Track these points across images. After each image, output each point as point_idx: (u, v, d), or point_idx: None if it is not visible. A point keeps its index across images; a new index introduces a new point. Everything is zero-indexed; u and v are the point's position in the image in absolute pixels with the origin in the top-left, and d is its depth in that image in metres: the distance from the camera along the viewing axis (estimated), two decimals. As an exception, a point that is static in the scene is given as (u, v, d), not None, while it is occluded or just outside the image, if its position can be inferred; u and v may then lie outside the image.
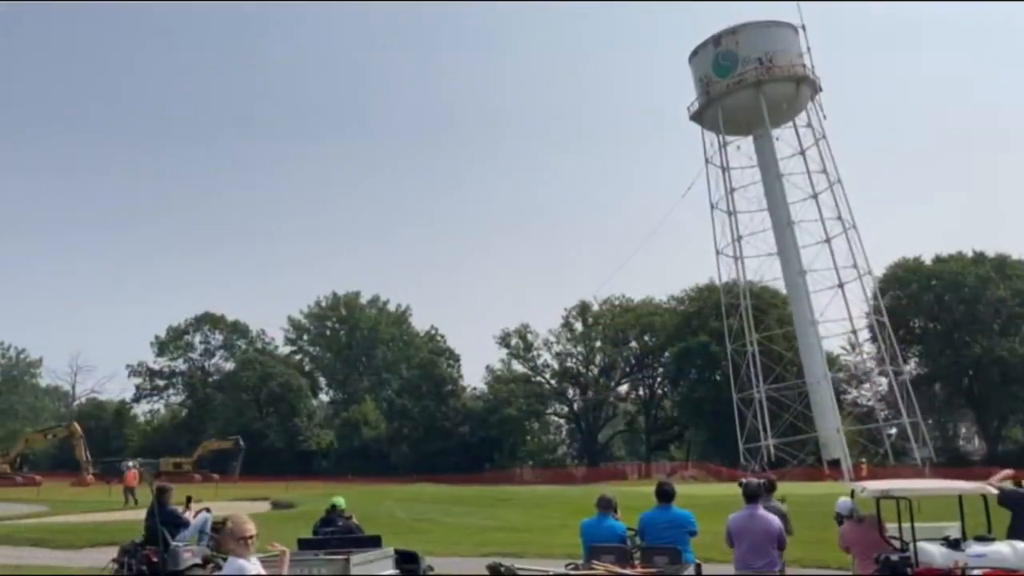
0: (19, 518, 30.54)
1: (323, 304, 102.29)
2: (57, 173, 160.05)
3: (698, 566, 9.57)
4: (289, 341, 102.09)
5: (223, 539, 5.69)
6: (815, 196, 55.82)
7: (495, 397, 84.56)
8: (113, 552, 14.29)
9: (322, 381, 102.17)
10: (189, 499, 15.30)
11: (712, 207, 60.66)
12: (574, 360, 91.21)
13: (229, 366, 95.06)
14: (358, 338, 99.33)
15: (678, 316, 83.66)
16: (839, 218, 56.89)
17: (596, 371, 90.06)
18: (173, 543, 12.77)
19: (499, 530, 24.04)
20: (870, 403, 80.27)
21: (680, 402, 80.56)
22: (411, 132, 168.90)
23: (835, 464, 53.22)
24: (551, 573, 9.08)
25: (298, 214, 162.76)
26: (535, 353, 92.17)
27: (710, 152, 59.18)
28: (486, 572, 10.19)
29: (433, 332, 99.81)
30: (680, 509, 9.79)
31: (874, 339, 76.85)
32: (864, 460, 53.24)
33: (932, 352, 73.27)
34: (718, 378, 73.26)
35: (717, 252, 67.77)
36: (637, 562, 9.24)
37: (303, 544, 9.60)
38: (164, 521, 12.93)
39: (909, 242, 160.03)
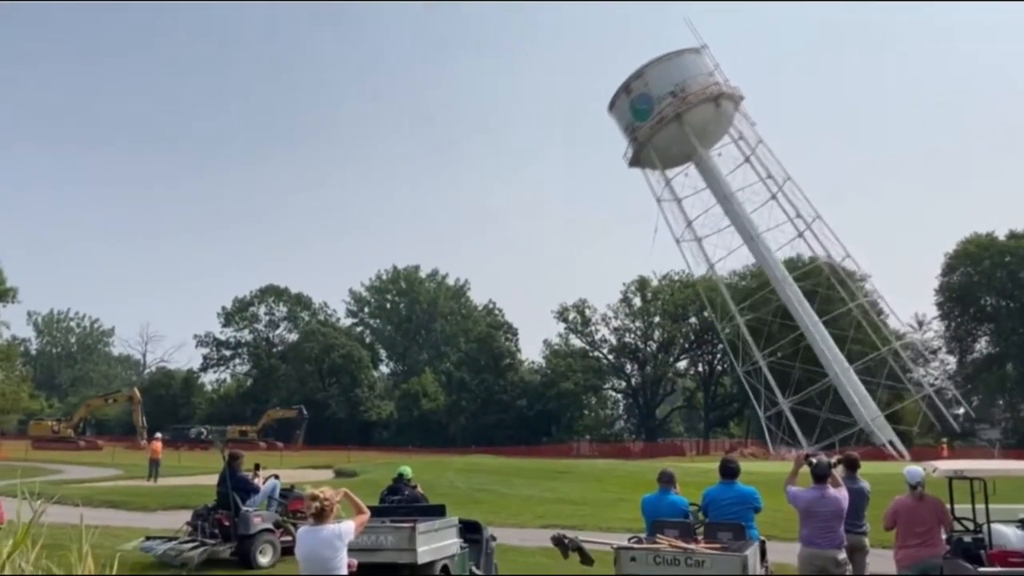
0: (95, 481, 31.73)
1: (384, 277, 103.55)
2: (126, 150, 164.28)
3: (762, 542, 9.51)
4: (350, 313, 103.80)
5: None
6: (774, 197, 54.95)
7: (553, 371, 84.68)
8: (186, 515, 14.80)
9: (382, 353, 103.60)
10: (257, 466, 15.71)
11: (678, 242, 60.01)
12: (632, 335, 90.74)
13: (292, 337, 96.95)
14: (417, 311, 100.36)
15: (739, 292, 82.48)
16: (798, 215, 55.84)
17: (654, 346, 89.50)
18: (244, 508, 13.16)
19: (558, 502, 24.17)
20: (937, 382, 78.38)
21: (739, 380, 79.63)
22: (474, 110, 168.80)
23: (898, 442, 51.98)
24: (615, 546, 9.11)
25: (361, 189, 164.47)
26: (593, 328, 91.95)
27: (659, 191, 58.65)
28: (550, 543, 10.30)
29: (491, 306, 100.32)
30: (744, 485, 9.72)
31: (943, 317, 74.97)
32: (945, 441, 51.87)
33: (1004, 331, 70.92)
34: (779, 355, 72.12)
35: (690, 284, 66.24)
36: (700, 537, 9.22)
37: (370, 511, 9.78)
38: (235, 487, 13.33)
39: (981, 218, 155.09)
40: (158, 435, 36.26)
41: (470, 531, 11.16)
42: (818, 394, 54.27)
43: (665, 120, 53.17)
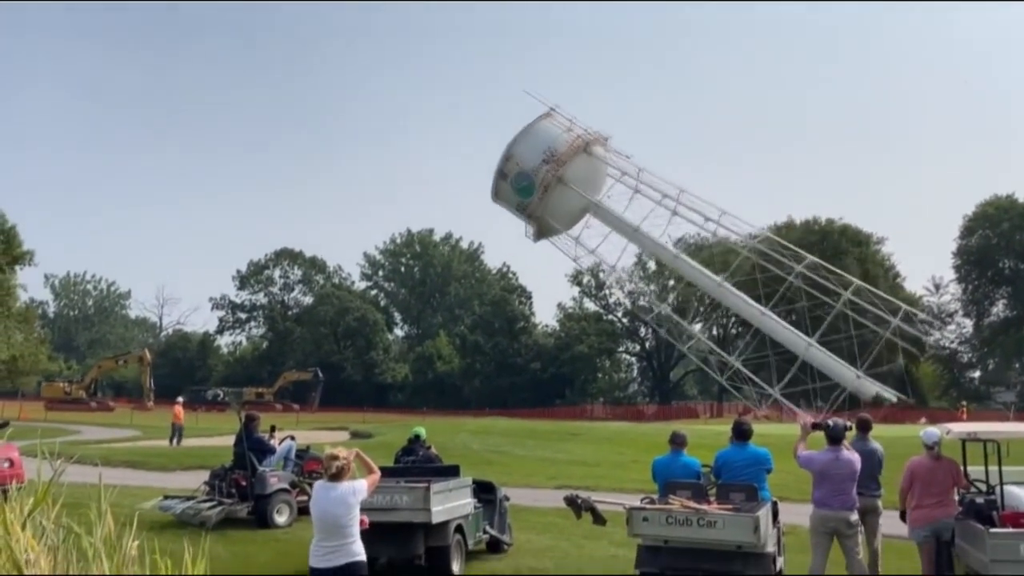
0: (114, 442, 32.19)
1: (398, 241, 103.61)
2: (142, 114, 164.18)
3: (775, 504, 9.55)
4: (365, 277, 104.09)
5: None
6: (676, 213, 56.05)
7: (567, 334, 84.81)
8: (203, 475, 15.01)
9: (397, 316, 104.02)
10: (273, 428, 15.89)
11: (608, 290, 60.37)
12: (646, 299, 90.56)
13: (307, 300, 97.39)
14: (432, 275, 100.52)
15: (755, 254, 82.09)
16: (707, 220, 56.74)
17: (669, 309, 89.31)
18: (260, 468, 13.32)
19: (571, 464, 24.36)
20: (953, 345, 78.09)
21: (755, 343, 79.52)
22: (483, 66, 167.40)
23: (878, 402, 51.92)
24: (628, 506, 9.17)
25: (375, 152, 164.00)
26: (607, 291, 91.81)
27: (573, 251, 59.23)
28: (562, 503, 10.39)
29: (505, 270, 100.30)
30: (757, 447, 9.75)
31: (960, 280, 74.42)
32: (964, 404, 51.74)
33: (1021, 294, 70.38)
34: (793, 318, 71.91)
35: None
36: (712, 499, 9.27)
37: (385, 472, 9.87)
38: (252, 447, 13.49)
39: (1001, 180, 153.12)
40: (180, 399, 36.40)
41: (484, 491, 11.28)
42: (802, 368, 54.67)
43: (550, 187, 54.58)
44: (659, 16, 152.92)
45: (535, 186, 53.31)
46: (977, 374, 78.52)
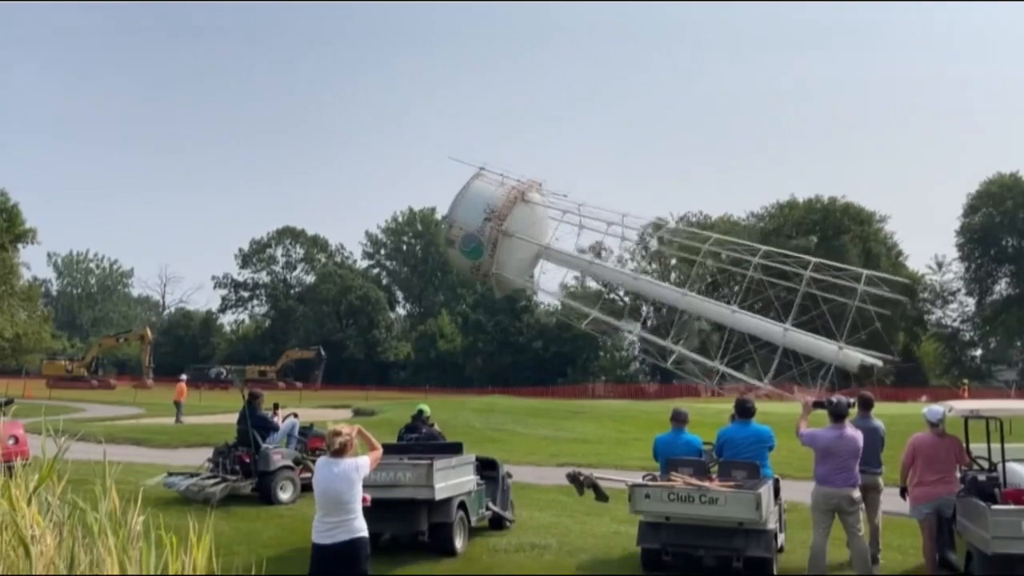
0: (117, 419, 32.34)
1: (400, 219, 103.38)
2: (143, 91, 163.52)
3: (776, 481, 9.60)
4: (367, 255, 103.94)
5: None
6: (624, 239, 57.74)
7: (568, 313, 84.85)
8: (207, 452, 15.08)
9: (399, 295, 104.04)
10: (276, 405, 15.94)
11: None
12: (649, 277, 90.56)
13: (309, 279, 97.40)
14: (434, 253, 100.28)
15: (757, 233, 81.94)
16: (643, 241, 58.22)
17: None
18: (264, 445, 13.38)
19: (574, 441, 24.45)
20: (955, 324, 78.01)
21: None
22: (485, 46, 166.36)
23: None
24: (630, 483, 9.21)
25: (376, 130, 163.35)
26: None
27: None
28: (564, 480, 10.44)
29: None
30: (759, 425, 9.79)
31: (963, 259, 74.18)
32: (966, 382, 51.82)
33: (1024, 272, 70.27)
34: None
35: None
36: (715, 476, 9.31)
37: (388, 449, 9.91)
38: (255, 425, 13.54)
39: (1005, 159, 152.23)
40: (183, 376, 36.42)
41: (487, 468, 11.32)
42: (786, 354, 55.31)
43: (497, 242, 55.25)
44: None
45: (483, 245, 54.54)
46: (979, 352, 78.45)
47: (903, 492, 9.28)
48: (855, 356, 51.13)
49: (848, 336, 51.27)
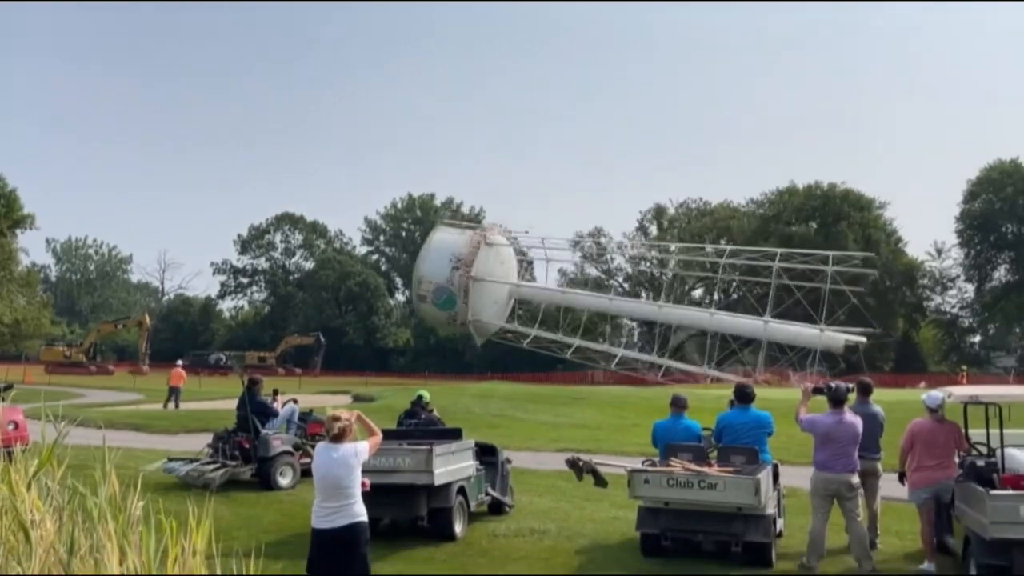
0: (117, 405, 32.37)
1: (399, 206, 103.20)
2: (141, 77, 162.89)
3: (775, 466, 9.63)
4: (366, 241, 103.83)
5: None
6: (587, 258, 58.92)
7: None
8: (207, 438, 15.10)
9: (398, 281, 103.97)
10: (276, 391, 15.96)
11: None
12: (648, 264, 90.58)
13: (309, 265, 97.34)
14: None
15: (756, 220, 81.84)
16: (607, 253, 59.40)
17: (670, 275, 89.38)
18: (263, 431, 13.40)
19: (573, 427, 24.48)
20: (954, 310, 78.07)
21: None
22: (485, 31, 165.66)
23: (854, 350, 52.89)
24: (629, 468, 9.23)
25: (375, 117, 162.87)
26: (608, 256, 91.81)
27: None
28: (564, 466, 10.46)
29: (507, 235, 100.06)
30: (759, 410, 9.80)
31: (962, 245, 74.14)
32: (964, 368, 51.99)
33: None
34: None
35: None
36: (714, 461, 9.33)
37: (388, 435, 9.92)
38: (255, 411, 13.55)
39: (1006, 145, 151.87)
40: (179, 362, 36.37)
41: (486, 454, 11.34)
42: (773, 347, 56.39)
43: (469, 289, 55.74)
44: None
45: (455, 294, 55.18)
46: (977, 339, 78.55)
47: (901, 477, 9.31)
48: (838, 337, 51.90)
49: (828, 318, 51.99)
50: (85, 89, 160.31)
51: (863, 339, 51.95)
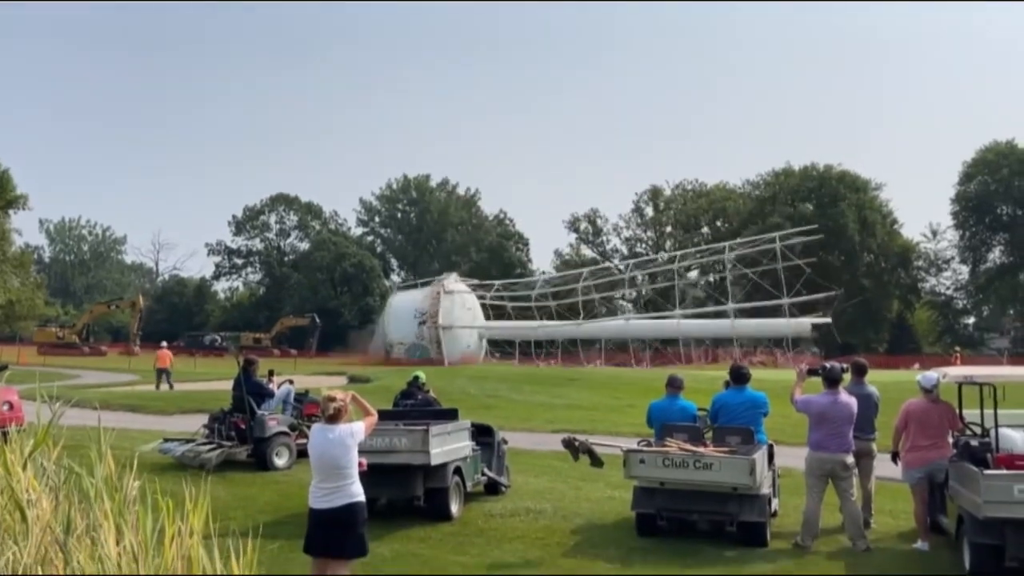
0: (112, 386, 32.35)
1: (394, 187, 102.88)
2: (136, 56, 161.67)
3: (770, 447, 9.67)
4: (361, 223, 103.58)
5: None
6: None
7: (564, 281, 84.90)
8: (202, 419, 15.12)
9: (393, 262, 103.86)
10: (271, 372, 15.98)
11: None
12: (644, 245, 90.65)
13: (303, 246, 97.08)
14: (428, 221, 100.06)
15: (752, 201, 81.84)
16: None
17: (666, 256, 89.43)
18: (259, 412, 13.41)
19: (568, 408, 24.55)
20: (948, 292, 78.32)
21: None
22: (481, 11, 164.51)
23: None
24: (625, 448, 9.26)
25: (370, 97, 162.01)
26: (604, 238, 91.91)
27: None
28: (560, 446, 10.49)
29: (502, 216, 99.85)
30: (754, 391, 9.84)
31: (957, 227, 74.26)
32: (958, 350, 52.31)
33: (1019, 240, 70.30)
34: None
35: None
36: (709, 441, 9.37)
37: (384, 415, 9.94)
38: (250, 391, 13.56)
39: (1003, 126, 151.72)
40: (163, 343, 36.33)
41: (482, 434, 11.37)
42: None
43: (440, 339, 57.62)
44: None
45: (428, 348, 55.72)
46: (971, 320, 78.84)
47: (895, 456, 9.35)
48: (804, 322, 52.78)
49: (793, 295, 52.77)
50: (79, 69, 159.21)
51: (828, 319, 53.07)
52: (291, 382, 15.09)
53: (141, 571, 4.51)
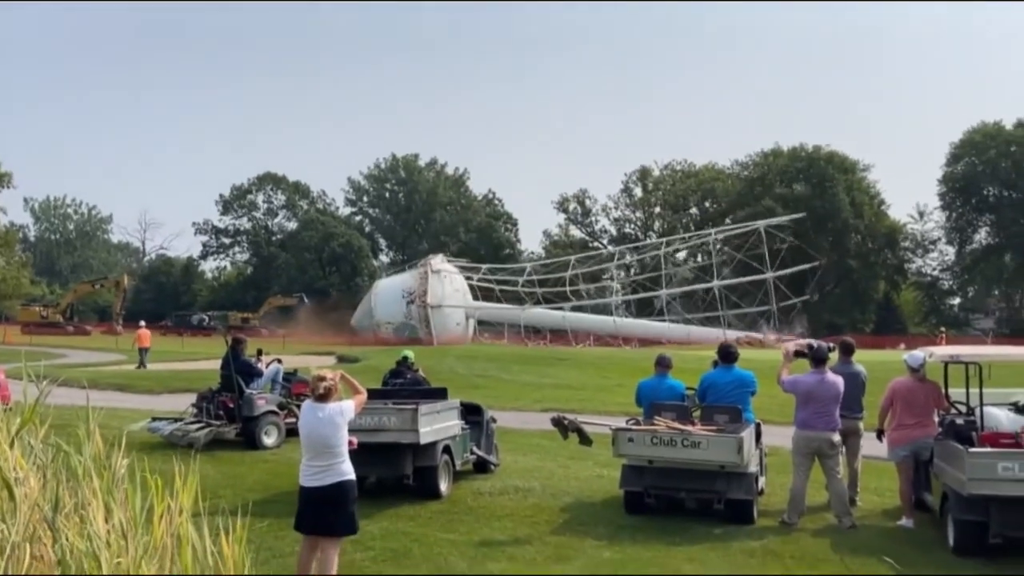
0: (100, 365, 32.24)
1: (382, 166, 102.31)
2: (123, 34, 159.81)
3: (758, 425, 9.72)
4: (349, 202, 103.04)
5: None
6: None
7: (550, 270, 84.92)
8: (191, 398, 15.08)
9: (382, 242, 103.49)
10: (260, 351, 15.92)
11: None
12: (632, 226, 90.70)
13: (291, 226, 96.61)
14: (417, 200, 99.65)
15: (741, 182, 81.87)
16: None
17: (654, 237, 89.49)
18: (248, 391, 13.38)
19: (557, 387, 24.63)
20: (934, 272, 78.74)
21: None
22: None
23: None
24: (613, 427, 9.29)
25: (358, 76, 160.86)
26: (593, 219, 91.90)
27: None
28: (548, 425, 10.52)
29: (491, 196, 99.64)
30: (742, 370, 9.87)
31: (944, 208, 74.54)
32: (943, 330, 52.77)
33: (1005, 221, 70.67)
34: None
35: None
36: (697, 420, 9.40)
37: (373, 394, 9.93)
38: (239, 370, 13.52)
39: (990, 108, 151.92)
40: (142, 323, 36.25)
41: (471, 413, 11.38)
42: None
43: (428, 318, 56.94)
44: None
45: (417, 326, 55.67)
46: (957, 301, 79.34)
47: (879, 434, 9.43)
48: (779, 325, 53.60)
49: (776, 269, 53.60)
50: (63, 46, 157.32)
51: (799, 303, 54.03)
52: (279, 361, 15.04)
53: (130, 548, 4.50)
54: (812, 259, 56.38)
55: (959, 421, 8.88)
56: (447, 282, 59.31)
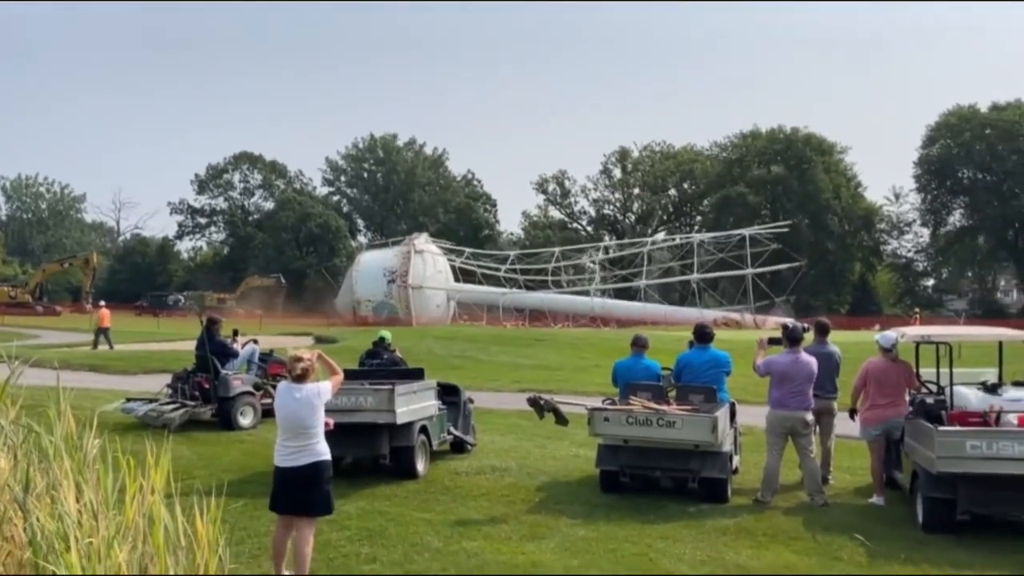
0: (74, 346, 31.90)
1: (360, 146, 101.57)
2: (99, 10, 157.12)
3: (732, 405, 9.81)
4: (327, 182, 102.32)
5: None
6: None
7: (531, 243, 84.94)
8: (166, 379, 14.99)
9: (360, 223, 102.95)
10: (236, 332, 15.80)
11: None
12: (611, 207, 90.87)
13: (268, 205, 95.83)
14: (395, 181, 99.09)
15: (719, 164, 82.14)
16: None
17: (633, 218, 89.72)
18: (223, 371, 13.31)
19: (535, 368, 24.68)
20: (909, 254, 79.53)
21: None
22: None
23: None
24: (589, 407, 9.34)
25: (336, 55, 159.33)
26: (572, 200, 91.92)
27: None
28: (525, 405, 10.55)
29: (470, 176, 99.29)
30: (717, 350, 9.95)
31: (919, 190, 75.19)
32: (917, 311, 53.41)
33: (979, 203, 71.43)
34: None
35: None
36: (672, 400, 9.47)
37: (350, 375, 9.91)
38: (214, 351, 13.44)
39: (966, 90, 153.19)
40: (102, 303, 35.84)
41: (448, 393, 11.39)
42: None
43: (408, 298, 57.61)
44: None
45: (396, 306, 55.40)
46: (931, 282, 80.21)
47: (852, 413, 9.54)
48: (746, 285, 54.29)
49: (758, 265, 54.10)
50: (36, 25, 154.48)
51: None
52: (255, 341, 14.97)
53: (101, 528, 4.48)
54: (792, 256, 56.66)
55: (929, 400, 9.01)
56: (430, 263, 59.07)
